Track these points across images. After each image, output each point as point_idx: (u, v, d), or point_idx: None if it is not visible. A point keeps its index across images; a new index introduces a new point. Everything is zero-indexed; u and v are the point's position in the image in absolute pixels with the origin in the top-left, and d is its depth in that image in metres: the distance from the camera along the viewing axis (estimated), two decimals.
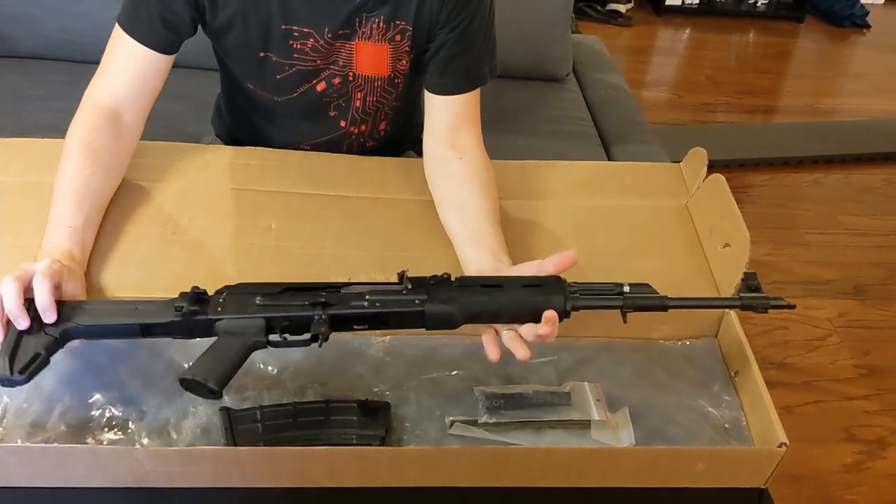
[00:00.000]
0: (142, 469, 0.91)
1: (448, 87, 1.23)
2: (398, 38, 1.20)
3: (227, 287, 0.97)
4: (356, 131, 1.35)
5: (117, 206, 1.16)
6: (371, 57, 1.23)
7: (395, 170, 1.31)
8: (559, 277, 0.98)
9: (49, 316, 0.92)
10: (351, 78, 1.25)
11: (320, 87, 1.26)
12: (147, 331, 0.96)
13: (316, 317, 0.94)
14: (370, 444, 0.96)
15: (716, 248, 1.18)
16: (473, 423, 1.00)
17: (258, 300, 0.95)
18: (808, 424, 2.07)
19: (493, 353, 0.96)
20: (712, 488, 0.99)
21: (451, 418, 1.01)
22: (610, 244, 1.22)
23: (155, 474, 0.91)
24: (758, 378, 1.04)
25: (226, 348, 0.92)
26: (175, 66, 1.98)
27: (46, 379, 1.00)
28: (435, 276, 0.98)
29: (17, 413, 0.97)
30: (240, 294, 0.96)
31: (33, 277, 0.93)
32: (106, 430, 0.97)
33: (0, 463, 0.90)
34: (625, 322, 0.98)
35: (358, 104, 1.30)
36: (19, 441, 0.94)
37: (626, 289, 0.97)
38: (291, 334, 0.95)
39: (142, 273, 1.08)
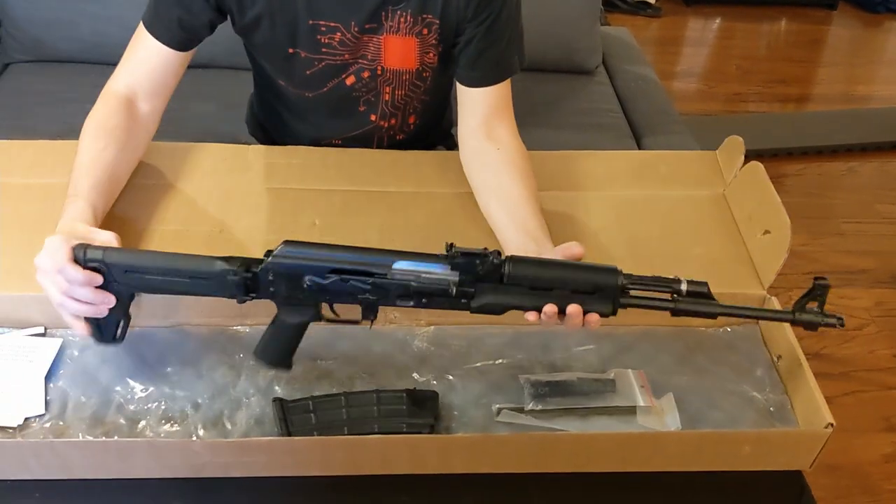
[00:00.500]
0: (199, 460, 0.93)
1: (479, 80, 1.24)
2: (425, 31, 1.22)
3: (270, 256, 0.94)
4: (386, 125, 1.37)
5: (165, 207, 1.19)
6: (399, 50, 1.24)
7: (432, 163, 1.33)
8: (614, 270, 0.94)
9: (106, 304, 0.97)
10: (380, 72, 1.27)
11: (349, 81, 1.28)
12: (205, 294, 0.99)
13: (363, 305, 0.97)
14: (420, 433, 0.98)
15: (755, 236, 1.19)
16: (520, 410, 1.02)
17: (307, 282, 0.94)
18: (846, 415, 2.06)
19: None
20: (756, 472, 1.01)
21: (497, 406, 1.03)
22: (649, 233, 1.23)
23: (212, 465, 0.94)
24: (802, 361, 1.05)
25: (283, 332, 0.99)
26: (207, 66, 2.06)
27: (103, 373, 1.04)
28: (485, 252, 0.93)
29: (77, 407, 1.00)
30: (287, 271, 0.94)
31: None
32: (163, 422, 0.99)
33: (64, 457, 0.93)
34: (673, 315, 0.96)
35: (387, 98, 1.32)
36: (80, 434, 0.97)
37: (684, 287, 0.94)
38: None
39: None
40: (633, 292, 0.95)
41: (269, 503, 0.95)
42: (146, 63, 1.21)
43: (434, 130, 1.50)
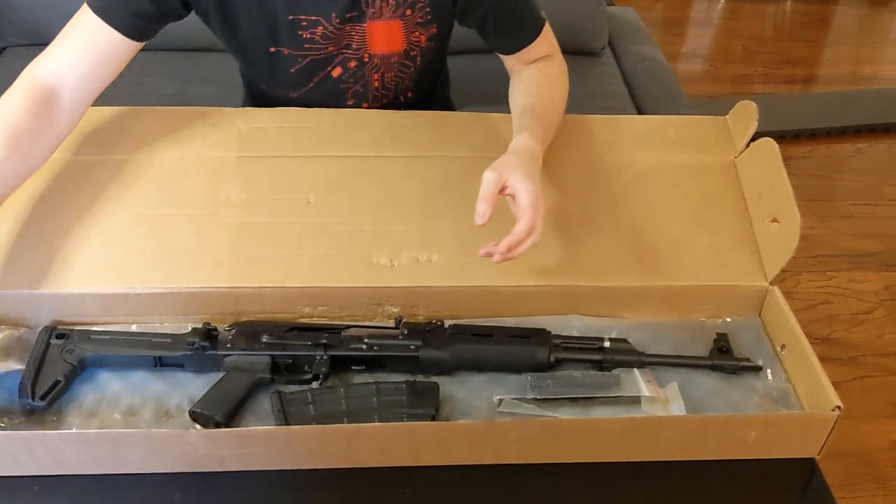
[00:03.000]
0: (195, 453, 0.92)
1: (513, 45, 1.23)
2: (409, 12, 1.18)
3: (236, 324, 1.05)
4: (378, 106, 1.35)
5: (150, 186, 1.14)
6: (385, 35, 1.21)
7: (430, 124, 1.28)
8: (544, 330, 1.06)
9: None
10: (366, 59, 1.24)
11: (336, 73, 1.26)
12: (160, 362, 1.02)
13: (317, 357, 1.01)
14: None
15: (763, 220, 1.16)
16: (523, 399, 1.00)
17: (265, 338, 1.02)
18: (855, 400, 2.04)
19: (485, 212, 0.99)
20: (764, 460, 0.99)
21: (499, 397, 1.01)
22: (656, 206, 1.19)
23: (208, 458, 0.92)
24: (806, 348, 1.03)
25: (233, 384, 0.99)
26: (207, 49, 2.02)
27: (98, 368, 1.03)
28: (430, 322, 1.06)
29: (71, 402, 0.99)
30: (248, 331, 1.03)
31: None
32: (158, 415, 0.98)
33: (56, 451, 0.91)
34: (601, 370, 1.05)
35: (376, 84, 1.30)
36: (74, 429, 0.96)
37: (607, 344, 1.05)
38: (294, 372, 1.02)
39: (186, 263, 1.08)
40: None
41: (268, 497, 0.93)
42: (87, 48, 1.08)
43: (429, 101, 1.46)
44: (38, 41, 2.01)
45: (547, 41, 1.25)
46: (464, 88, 1.60)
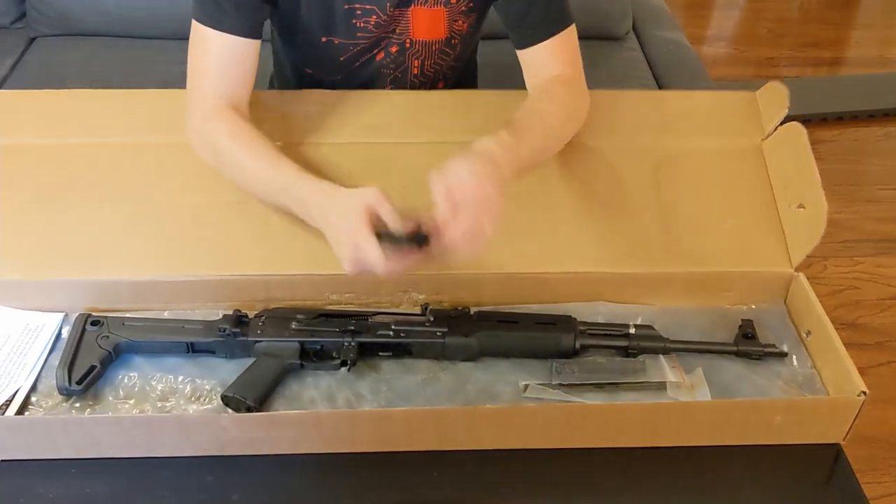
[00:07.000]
0: (227, 436, 0.93)
1: (524, 39, 1.18)
2: (454, 0, 1.20)
3: (266, 310, 1.07)
4: None
5: (181, 172, 1.15)
6: (427, 21, 1.22)
7: (455, 105, 1.27)
8: (570, 317, 1.06)
9: None
10: (408, 45, 1.25)
11: (379, 56, 1.26)
12: (192, 348, 1.04)
13: (345, 343, 1.03)
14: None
15: (789, 206, 1.16)
16: (548, 385, 1.01)
17: (294, 325, 1.04)
18: (881, 385, 2.02)
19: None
20: (789, 445, 0.99)
21: (524, 382, 1.02)
22: (682, 192, 1.19)
23: (240, 441, 0.94)
24: (832, 334, 1.03)
25: (263, 369, 1.01)
26: None
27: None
28: (456, 308, 1.08)
29: (106, 386, 1.01)
30: (277, 318, 1.05)
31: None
32: (192, 399, 1.00)
33: (92, 434, 0.93)
34: (626, 357, 1.06)
35: (415, 71, 1.30)
36: (109, 413, 0.98)
37: (632, 330, 1.06)
38: (323, 358, 1.04)
39: (217, 251, 1.09)
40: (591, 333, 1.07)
41: (298, 479, 0.95)
42: (225, 62, 1.11)
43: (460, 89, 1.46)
44: (67, 31, 2.07)
45: (564, 51, 1.18)
46: (488, 74, 1.60)
